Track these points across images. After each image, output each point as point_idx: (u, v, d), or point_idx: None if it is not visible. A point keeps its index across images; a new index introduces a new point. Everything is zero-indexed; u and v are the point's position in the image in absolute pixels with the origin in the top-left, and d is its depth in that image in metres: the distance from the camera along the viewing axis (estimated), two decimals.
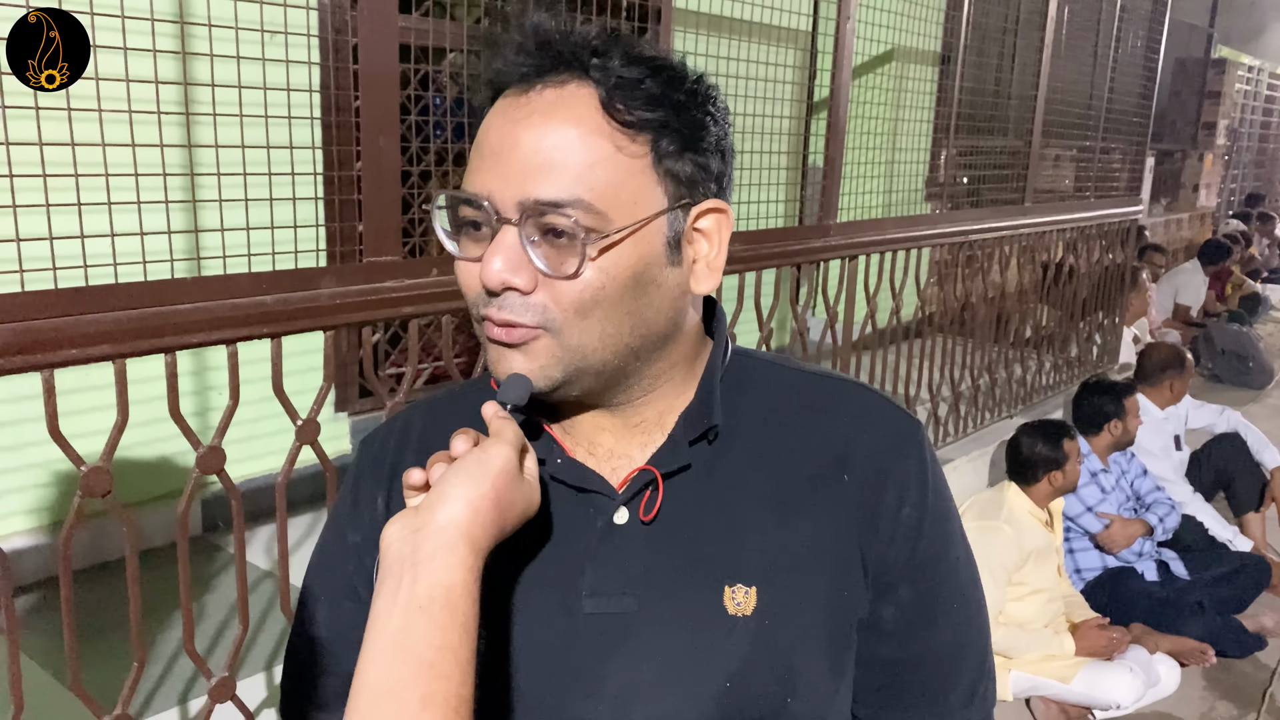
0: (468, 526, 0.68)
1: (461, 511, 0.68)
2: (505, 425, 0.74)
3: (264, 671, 2.18)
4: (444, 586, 0.67)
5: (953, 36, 4.04)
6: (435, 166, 2.93)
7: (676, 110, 0.75)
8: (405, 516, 0.70)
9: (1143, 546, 3.74)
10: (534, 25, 0.75)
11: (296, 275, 1.69)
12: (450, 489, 0.69)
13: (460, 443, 0.73)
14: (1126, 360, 5.38)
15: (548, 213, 0.71)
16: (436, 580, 0.67)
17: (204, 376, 2.88)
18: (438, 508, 0.69)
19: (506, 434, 0.73)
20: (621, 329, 0.75)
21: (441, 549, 0.67)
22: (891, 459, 0.84)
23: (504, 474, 0.71)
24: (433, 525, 0.68)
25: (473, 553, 0.68)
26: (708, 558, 0.80)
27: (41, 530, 2.66)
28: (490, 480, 0.70)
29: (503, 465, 0.71)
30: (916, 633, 0.84)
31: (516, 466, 0.72)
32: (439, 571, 0.67)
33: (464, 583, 0.67)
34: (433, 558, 0.67)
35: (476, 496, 0.69)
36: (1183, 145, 11.41)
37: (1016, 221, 4.16)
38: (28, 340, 1.39)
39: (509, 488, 0.71)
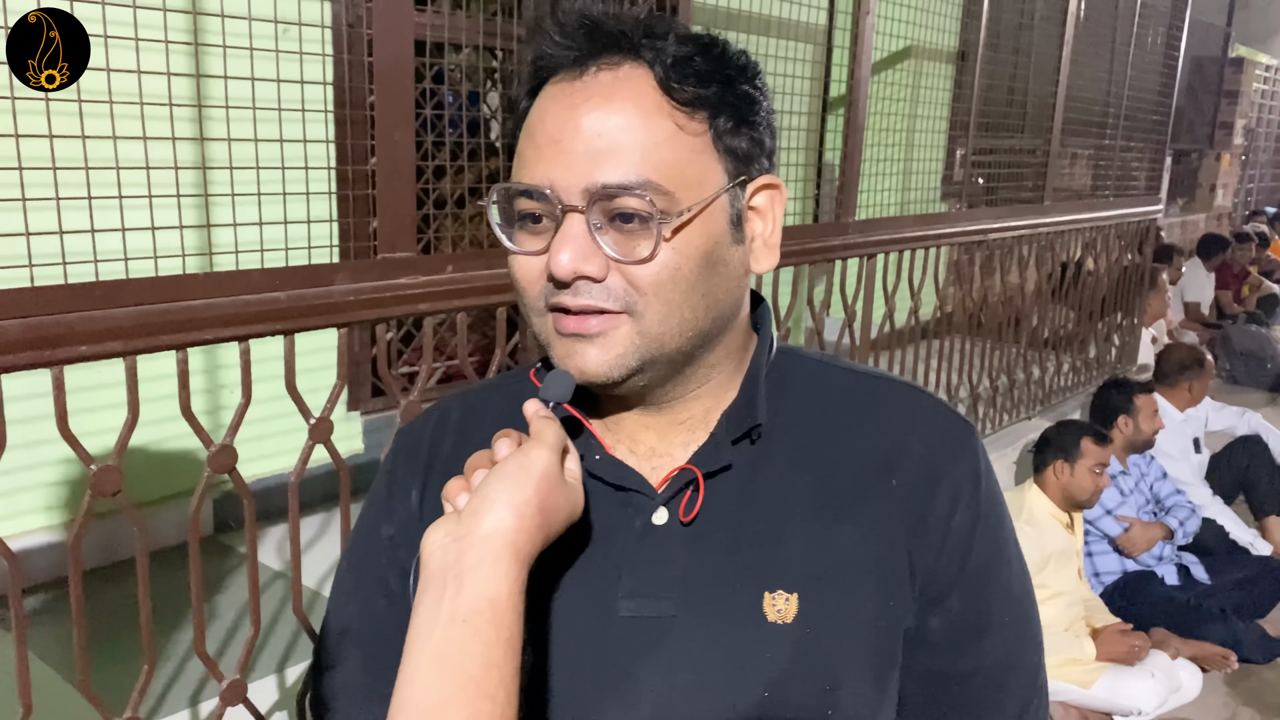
0: (513, 534, 0.66)
1: (506, 518, 0.66)
2: (546, 426, 0.72)
3: (275, 674, 2.15)
4: (489, 599, 0.64)
5: (971, 33, 4.00)
6: (450, 162, 2.90)
7: (729, 85, 0.74)
8: (447, 522, 0.68)
9: (1163, 550, 3.69)
10: (580, 8, 0.74)
11: (310, 271, 1.66)
12: (493, 494, 0.67)
13: (503, 445, 0.71)
14: (1145, 361, 5.33)
15: (618, 196, 0.70)
16: (481, 592, 0.64)
17: (216, 374, 2.86)
18: (482, 514, 0.66)
19: (547, 436, 0.71)
20: (698, 311, 0.74)
21: (487, 558, 0.65)
22: (943, 463, 0.81)
23: (546, 478, 0.68)
24: (477, 533, 0.66)
25: (517, 563, 0.66)
26: (748, 562, 0.77)
27: (54, 528, 2.64)
28: (533, 485, 0.67)
29: (545, 469, 0.69)
30: (966, 646, 0.80)
31: (559, 470, 0.70)
32: (483, 582, 0.64)
33: (509, 595, 0.65)
34: (477, 567, 0.65)
35: (520, 502, 0.67)
36: (1199, 145, 11.32)
37: (1034, 220, 4.11)
38: (37, 336, 1.37)
39: (552, 492, 0.69)
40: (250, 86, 1.70)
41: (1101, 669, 3.07)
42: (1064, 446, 3.22)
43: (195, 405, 1.61)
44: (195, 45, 1.85)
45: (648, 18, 0.74)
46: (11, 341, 1.34)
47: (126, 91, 1.54)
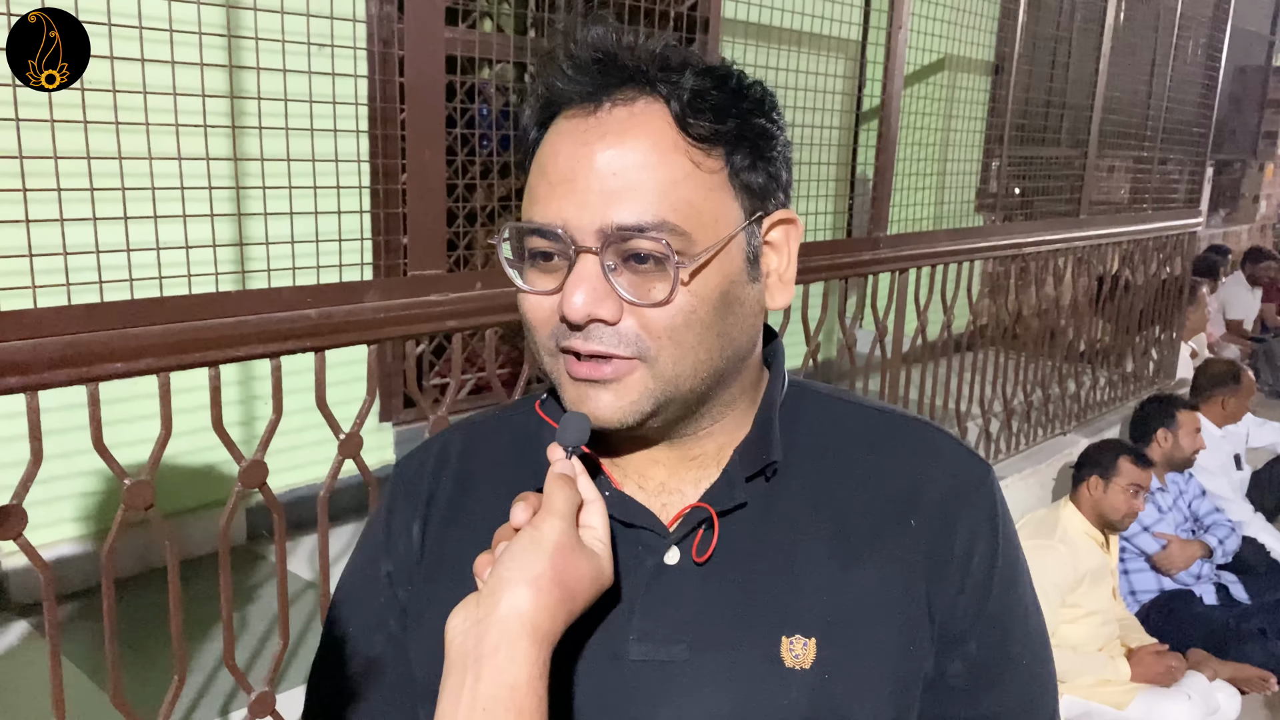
0: (530, 613, 0.65)
1: (524, 597, 0.65)
2: (556, 491, 0.70)
3: (304, 685, 2.17)
4: (508, 686, 0.63)
5: (1006, 45, 3.97)
6: (480, 179, 2.93)
7: (746, 120, 0.72)
8: (468, 605, 0.67)
9: (1201, 569, 3.63)
10: (594, 40, 0.71)
11: (341, 289, 1.68)
12: (507, 572, 0.66)
13: (520, 511, 0.69)
14: (1184, 376, 5.25)
15: (632, 238, 0.68)
16: (500, 679, 0.63)
17: (249, 386, 2.90)
18: (499, 594, 0.65)
19: (556, 503, 0.69)
20: (713, 352, 0.72)
21: (504, 643, 0.64)
22: (961, 505, 0.79)
23: (560, 548, 0.67)
24: (495, 615, 0.65)
25: (535, 645, 0.65)
26: (764, 604, 0.75)
27: (89, 538, 2.68)
28: (548, 558, 0.66)
29: (558, 539, 0.67)
30: (985, 690, 0.79)
31: (573, 537, 0.68)
32: (502, 668, 0.63)
33: (529, 680, 0.64)
34: (495, 653, 0.64)
35: (534, 577, 0.65)
36: (1242, 155, 11.14)
37: (1071, 234, 4.07)
38: (73, 354, 1.39)
39: (570, 562, 0.67)
40: (284, 106, 1.72)
41: (1137, 690, 3.02)
42: (1101, 462, 3.18)
43: (228, 416, 1.64)
44: (230, 66, 1.88)
45: (663, 50, 0.71)
46: (50, 359, 1.37)
47: (163, 109, 1.57)
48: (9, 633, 2.43)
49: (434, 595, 0.81)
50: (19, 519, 1.38)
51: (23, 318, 1.35)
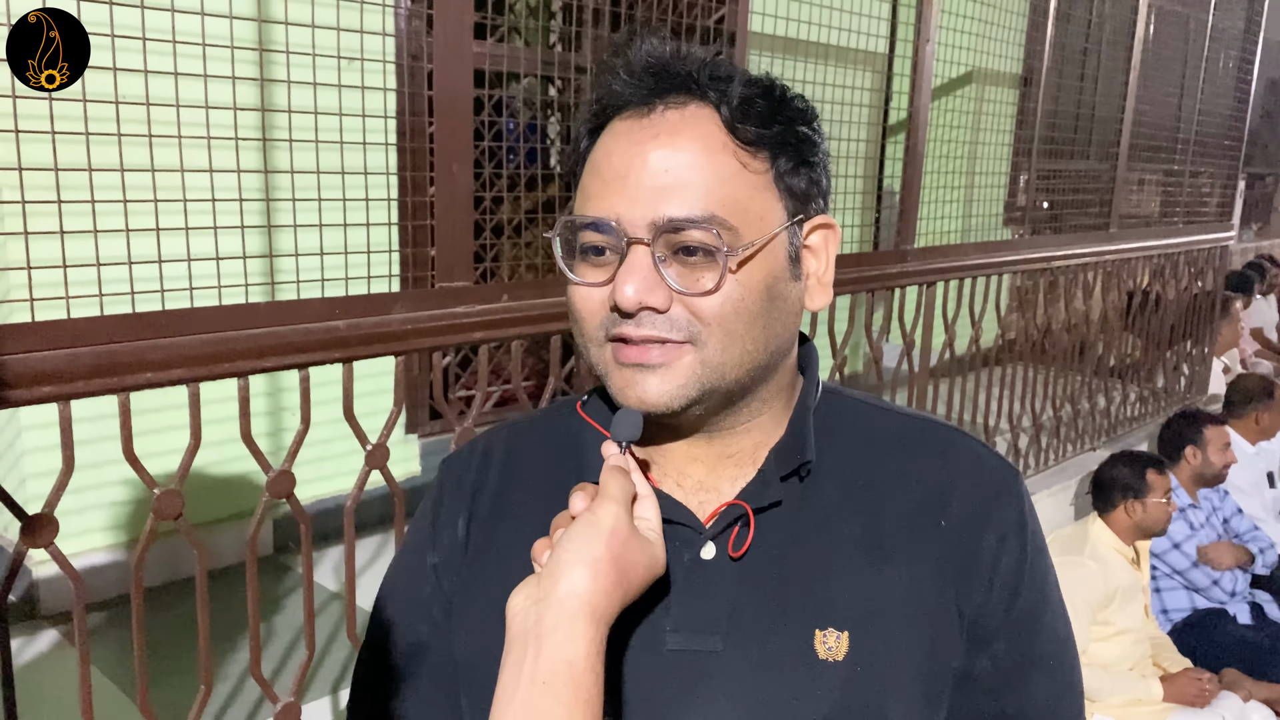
0: (589, 594, 0.67)
1: (582, 578, 0.68)
2: (612, 480, 0.73)
3: (329, 695, 2.18)
4: (567, 661, 0.66)
5: (1034, 58, 3.95)
6: (508, 192, 2.94)
7: (790, 127, 0.76)
8: (528, 585, 0.70)
9: (1235, 585, 3.57)
10: (648, 50, 0.76)
11: (369, 300, 1.69)
12: (566, 555, 0.69)
13: (577, 500, 0.72)
14: (1216, 392, 5.18)
15: (683, 229, 0.71)
16: (559, 655, 0.66)
17: (278, 397, 2.92)
18: (558, 575, 0.68)
19: (612, 490, 0.72)
20: (758, 343, 0.75)
21: (564, 621, 0.67)
22: (991, 508, 0.81)
23: (616, 534, 0.70)
24: (554, 595, 0.68)
25: (593, 624, 0.67)
26: (798, 599, 0.78)
27: (118, 547, 2.71)
28: (604, 542, 0.69)
29: (614, 525, 0.70)
30: (1013, 687, 0.81)
31: (628, 524, 0.71)
32: (561, 645, 0.66)
33: (587, 656, 0.66)
34: (555, 630, 0.66)
35: (593, 559, 0.68)
36: (1275, 168, 11.03)
37: (1101, 248, 4.03)
38: (106, 364, 1.41)
39: (625, 547, 0.70)
40: (314, 119, 1.74)
41: (1169, 710, 2.97)
42: (1131, 485, 3.15)
43: (256, 427, 1.65)
44: (261, 80, 1.90)
45: (712, 60, 0.76)
46: (83, 369, 1.39)
47: (195, 123, 1.58)
48: (40, 641, 2.45)
49: (477, 587, 0.85)
50: (51, 528, 1.40)
51: (57, 328, 1.37)
